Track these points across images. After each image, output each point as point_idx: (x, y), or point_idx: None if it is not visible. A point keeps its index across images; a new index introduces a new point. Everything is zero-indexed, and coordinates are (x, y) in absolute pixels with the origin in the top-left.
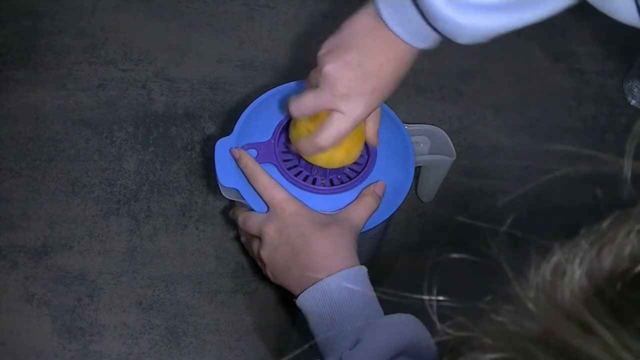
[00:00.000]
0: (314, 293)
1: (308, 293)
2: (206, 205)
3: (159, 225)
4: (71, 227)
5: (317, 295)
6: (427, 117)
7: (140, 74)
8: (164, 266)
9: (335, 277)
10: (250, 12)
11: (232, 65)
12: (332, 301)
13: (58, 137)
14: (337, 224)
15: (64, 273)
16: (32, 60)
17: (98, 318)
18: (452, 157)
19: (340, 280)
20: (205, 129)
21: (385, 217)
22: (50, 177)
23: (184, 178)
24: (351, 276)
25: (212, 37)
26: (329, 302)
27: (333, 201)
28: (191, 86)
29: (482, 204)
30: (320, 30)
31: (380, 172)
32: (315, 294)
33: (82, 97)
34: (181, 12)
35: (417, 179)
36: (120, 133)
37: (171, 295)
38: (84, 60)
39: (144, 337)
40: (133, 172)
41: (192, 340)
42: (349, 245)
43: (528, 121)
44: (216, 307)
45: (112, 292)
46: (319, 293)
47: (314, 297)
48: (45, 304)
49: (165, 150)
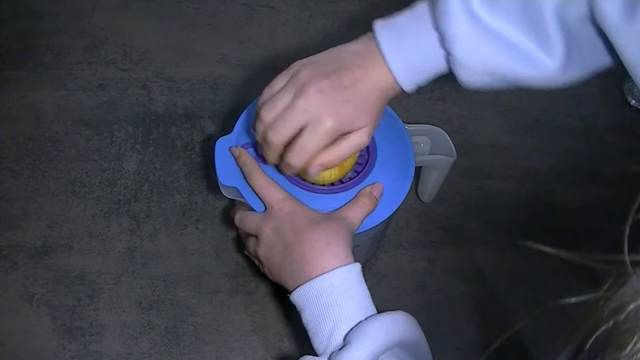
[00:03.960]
0: (306, 290)
1: (301, 289)
2: (206, 205)
3: (159, 225)
4: (71, 227)
5: (309, 293)
6: (427, 117)
7: (140, 74)
8: (164, 266)
9: (328, 275)
10: (250, 12)
11: (232, 65)
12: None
13: (58, 137)
14: (331, 222)
15: (64, 273)
16: (32, 60)
17: (98, 318)
18: (452, 157)
19: (332, 277)
20: (205, 129)
21: (385, 217)
22: (50, 177)
23: (184, 178)
24: (344, 274)
25: (212, 37)
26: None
27: (332, 201)
28: (191, 86)
29: (482, 204)
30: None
31: (380, 172)
32: (307, 291)
33: (82, 97)
34: (181, 12)
35: (417, 179)
36: (120, 133)
37: (171, 295)
38: (84, 60)
39: (144, 337)
40: (133, 172)
41: (192, 340)
42: (344, 242)
43: (528, 121)
44: (216, 307)
45: (112, 292)
46: (311, 290)
47: (306, 294)
48: (45, 304)
49: (165, 150)
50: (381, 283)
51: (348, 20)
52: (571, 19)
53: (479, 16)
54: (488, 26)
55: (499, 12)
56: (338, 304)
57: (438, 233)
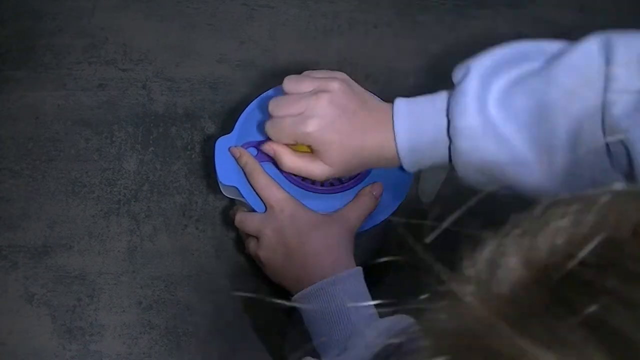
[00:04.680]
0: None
1: (303, 293)
2: (206, 205)
3: (159, 225)
4: (71, 227)
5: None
6: None
7: (140, 74)
8: (164, 266)
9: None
10: (250, 12)
11: (232, 65)
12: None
13: (58, 137)
14: (332, 224)
15: (64, 273)
16: (32, 60)
17: (98, 318)
18: None
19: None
20: (205, 129)
21: (385, 217)
22: (50, 177)
23: (184, 178)
24: (345, 278)
25: (212, 37)
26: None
27: (332, 201)
28: (191, 86)
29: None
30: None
31: (380, 172)
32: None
33: (82, 97)
34: (181, 12)
35: (418, 179)
36: (120, 133)
37: (171, 295)
38: (84, 60)
39: (144, 337)
40: (133, 172)
41: (192, 340)
42: (345, 244)
43: None
44: (216, 307)
45: (112, 292)
46: (312, 294)
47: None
48: (45, 304)
49: (165, 150)
50: (381, 283)
51: (348, 20)
52: (581, 152)
53: (491, 116)
54: (497, 129)
55: (512, 120)
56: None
57: None
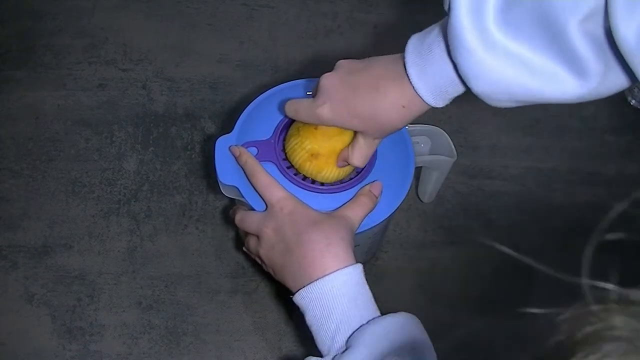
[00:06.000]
0: (308, 292)
1: (303, 292)
2: (206, 205)
3: (159, 225)
4: (71, 227)
5: (311, 295)
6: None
7: (140, 74)
8: (164, 266)
9: (329, 277)
10: (250, 12)
11: (232, 65)
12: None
13: (58, 137)
14: (332, 222)
15: (64, 273)
16: (32, 60)
17: (98, 318)
18: (453, 158)
19: (334, 280)
20: (205, 129)
21: (385, 217)
22: (50, 177)
23: (184, 178)
24: (346, 275)
25: (212, 37)
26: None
27: (332, 200)
28: (191, 86)
29: (482, 204)
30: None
31: (380, 172)
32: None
33: (82, 97)
34: (181, 12)
35: (418, 179)
36: (120, 133)
37: (171, 295)
38: (84, 60)
39: (144, 337)
40: (133, 172)
41: (192, 340)
42: (344, 242)
43: (528, 121)
44: (216, 307)
45: (112, 292)
46: (313, 292)
47: (308, 296)
48: (45, 304)
49: (165, 150)
50: (381, 283)
51: (348, 20)
52: (601, 34)
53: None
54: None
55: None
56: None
57: (438, 233)
